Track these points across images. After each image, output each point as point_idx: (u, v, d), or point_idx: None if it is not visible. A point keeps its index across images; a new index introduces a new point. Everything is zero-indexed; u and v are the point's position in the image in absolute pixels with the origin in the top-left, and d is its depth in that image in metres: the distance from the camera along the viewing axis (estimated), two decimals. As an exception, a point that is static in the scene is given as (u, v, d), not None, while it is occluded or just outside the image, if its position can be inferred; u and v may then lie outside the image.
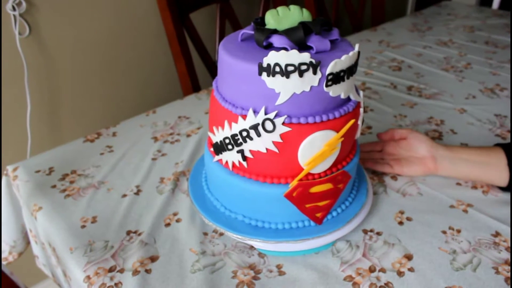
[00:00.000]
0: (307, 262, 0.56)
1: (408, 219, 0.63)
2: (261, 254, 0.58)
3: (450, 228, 0.62)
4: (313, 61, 0.45)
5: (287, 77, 0.45)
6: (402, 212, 0.64)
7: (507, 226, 0.62)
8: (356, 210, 0.59)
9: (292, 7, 0.50)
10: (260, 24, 0.51)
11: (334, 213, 0.58)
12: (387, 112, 0.92)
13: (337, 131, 0.50)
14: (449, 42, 1.32)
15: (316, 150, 0.50)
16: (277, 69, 0.45)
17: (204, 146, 0.79)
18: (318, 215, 0.56)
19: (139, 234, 0.61)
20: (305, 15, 0.50)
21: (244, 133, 0.49)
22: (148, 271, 0.55)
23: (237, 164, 0.53)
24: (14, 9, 0.98)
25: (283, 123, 0.48)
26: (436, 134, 0.83)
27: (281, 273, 0.55)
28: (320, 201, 0.54)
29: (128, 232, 0.61)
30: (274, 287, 0.53)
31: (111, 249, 0.58)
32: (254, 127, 0.48)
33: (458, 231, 0.61)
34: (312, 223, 0.57)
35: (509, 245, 0.59)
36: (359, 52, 0.50)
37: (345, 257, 0.57)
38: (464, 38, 1.35)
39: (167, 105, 0.96)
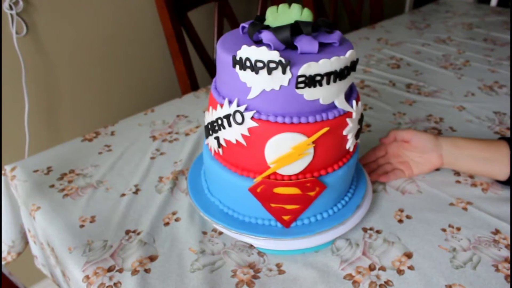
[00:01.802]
0: (307, 261, 0.56)
1: (408, 217, 0.63)
2: (260, 253, 0.57)
3: (450, 226, 0.62)
4: (282, 60, 0.44)
5: (256, 72, 0.46)
6: (401, 210, 0.64)
7: (507, 223, 0.61)
8: (354, 208, 0.59)
9: (293, 5, 0.50)
10: (259, 19, 0.51)
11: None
12: (386, 110, 0.92)
13: (309, 136, 0.49)
14: (447, 39, 1.32)
15: (283, 151, 0.50)
16: (248, 63, 0.46)
17: (202, 144, 0.79)
18: (286, 218, 0.55)
19: (138, 234, 0.60)
20: (304, 15, 0.49)
21: (219, 121, 0.52)
22: (147, 271, 0.55)
23: (216, 150, 0.55)
24: (11, 8, 0.97)
25: (252, 118, 0.49)
26: (435, 132, 0.83)
27: (281, 272, 0.55)
28: (286, 204, 0.54)
29: (127, 232, 0.61)
30: (274, 286, 0.53)
31: (110, 248, 0.58)
32: (227, 117, 0.50)
33: (458, 229, 0.61)
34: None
35: (509, 242, 0.59)
36: (356, 60, 0.49)
37: (345, 256, 0.57)
38: (462, 36, 1.34)
39: (165, 104, 0.96)
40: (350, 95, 0.53)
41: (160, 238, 0.60)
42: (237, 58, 0.46)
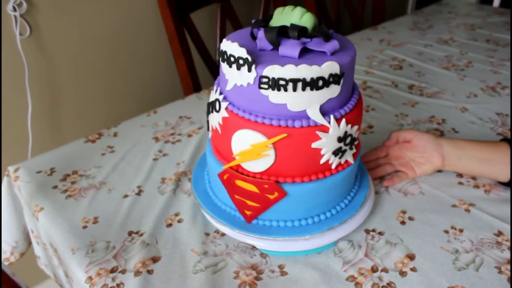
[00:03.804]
0: (309, 262, 0.56)
1: (410, 218, 0.63)
2: (263, 254, 0.57)
3: (452, 227, 0.61)
4: (249, 58, 0.46)
5: (230, 66, 0.48)
6: (404, 212, 0.64)
7: (509, 225, 0.61)
8: (356, 210, 0.59)
9: (296, 8, 0.50)
10: (266, 19, 0.53)
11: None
12: (388, 111, 0.92)
13: (269, 138, 0.49)
14: (450, 40, 1.32)
15: (245, 146, 0.51)
16: (225, 56, 0.48)
17: (205, 145, 0.79)
18: (248, 213, 0.56)
19: (141, 235, 0.60)
20: (304, 19, 0.49)
21: (209, 106, 0.55)
22: (150, 272, 0.55)
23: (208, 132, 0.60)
24: (14, 9, 0.98)
25: (226, 108, 0.51)
26: (437, 133, 0.83)
27: (283, 273, 0.55)
28: (247, 199, 0.55)
29: (130, 233, 0.61)
30: (276, 287, 0.53)
31: (112, 249, 0.58)
32: (212, 103, 0.54)
33: (461, 230, 0.61)
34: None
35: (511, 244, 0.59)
36: (341, 73, 0.47)
37: (347, 257, 0.57)
38: (465, 36, 1.34)
39: (168, 105, 0.96)
40: (335, 109, 0.50)
41: (163, 239, 0.60)
42: (220, 50, 0.49)
